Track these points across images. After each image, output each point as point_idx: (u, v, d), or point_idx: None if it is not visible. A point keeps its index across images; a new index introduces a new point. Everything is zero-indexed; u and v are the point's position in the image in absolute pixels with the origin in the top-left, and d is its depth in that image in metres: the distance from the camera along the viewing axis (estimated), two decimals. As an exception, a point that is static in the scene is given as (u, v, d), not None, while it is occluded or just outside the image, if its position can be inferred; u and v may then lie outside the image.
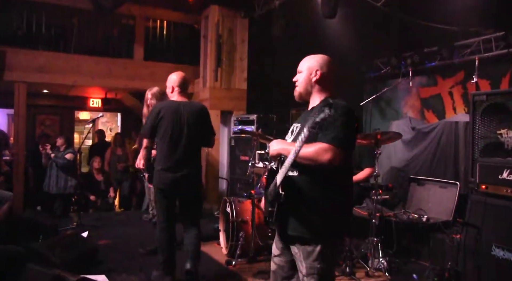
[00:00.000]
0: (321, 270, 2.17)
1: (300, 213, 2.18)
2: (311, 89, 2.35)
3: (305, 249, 2.19)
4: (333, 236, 2.24)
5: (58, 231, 5.38)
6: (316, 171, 2.12)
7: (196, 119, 3.76)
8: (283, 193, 2.13)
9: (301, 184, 2.17)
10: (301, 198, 2.16)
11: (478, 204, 3.62)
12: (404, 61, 7.14)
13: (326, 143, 2.06)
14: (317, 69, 2.33)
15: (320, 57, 2.38)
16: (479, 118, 3.98)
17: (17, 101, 6.83)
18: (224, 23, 7.35)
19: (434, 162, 5.84)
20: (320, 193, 2.16)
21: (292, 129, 2.41)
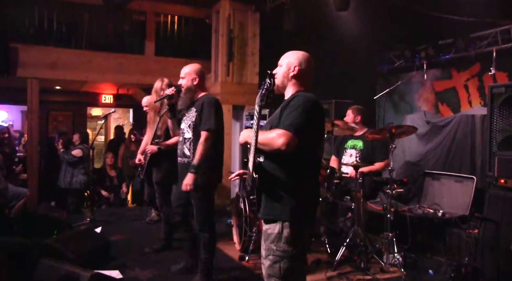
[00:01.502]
0: (277, 252, 2.19)
1: (266, 196, 2.26)
2: (287, 83, 2.42)
3: (265, 232, 2.26)
4: (293, 219, 2.22)
5: (72, 226, 5.42)
6: (279, 156, 2.18)
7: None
8: (257, 176, 2.18)
9: (267, 169, 2.24)
10: (267, 182, 2.22)
11: (497, 199, 3.55)
12: (418, 54, 7.03)
13: (282, 129, 2.14)
14: (295, 65, 2.41)
15: (301, 54, 2.46)
16: (497, 111, 3.89)
17: (30, 98, 6.90)
18: (235, 17, 7.29)
19: (449, 156, 5.75)
20: (281, 177, 2.21)
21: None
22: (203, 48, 7.94)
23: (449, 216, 4.65)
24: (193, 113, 3.58)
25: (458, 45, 6.35)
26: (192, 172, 3.42)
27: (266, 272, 2.24)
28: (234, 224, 4.99)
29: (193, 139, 3.55)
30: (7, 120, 11.90)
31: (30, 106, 6.94)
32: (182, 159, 3.63)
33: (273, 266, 2.20)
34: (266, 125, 2.33)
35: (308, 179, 2.31)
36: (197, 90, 3.68)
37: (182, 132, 3.66)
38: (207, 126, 3.47)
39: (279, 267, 2.19)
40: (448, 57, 6.69)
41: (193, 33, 8.24)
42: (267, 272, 2.24)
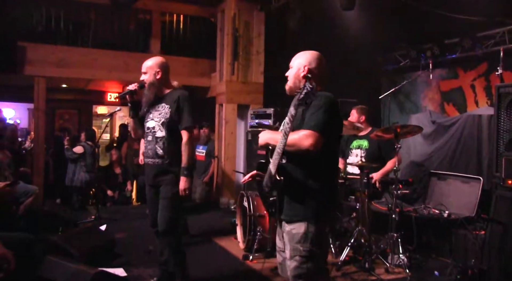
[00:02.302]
0: (304, 252, 2.19)
1: (289, 198, 2.25)
2: (299, 83, 2.38)
3: (290, 232, 2.24)
4: (317, 219, 2.23)
5: (77, 224, 5.44)
6: (302, 158, 2.19)
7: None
8: (281, 178, 2.18)
9: (290, 171, 2.23)
10: (290, 184, 2.22)
11: (504, 200, 3.51)
12: (423, 54, 6.98)
13: (308, 129, 2.15)
14: (305, 65, 2.42)
15: (310, 54, 2.47)
16: (504, 111, 3.85)
17: (37, 96, 6.93)
18: (240, 16, 7.28)
19: (455, 156, 5.71)
20: (304, 178, 2.22)
21: (283, 123, 2.44)
22: (208, 47, 7.94)
23: (455, 217, 4.62)
24: (166, 110, 3.33)
25: (465, 44, 6.30)
26: (185, 175, 3.23)
27: (293, 273, 2.22)
28: (238, 222, 4.99)
29: (167, 138, 3.30)
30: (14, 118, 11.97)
31: (36, 104, 6.98)
32: (154, 160, 3.34)
33: (301, 267, 2.20)
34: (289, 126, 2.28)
35: (330, 178, 2.35)
36: (161, 85, 3.43)
37: (152, 131, 3.37)
38: (188, 124, 3.28)
39: (306, 267, 2.19)
40: (454, 57, 6.65)
41: (199, 32, 8.23)
42: (294, 273, 2.22)
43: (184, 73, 7.52)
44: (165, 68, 3.45)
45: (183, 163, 3.24)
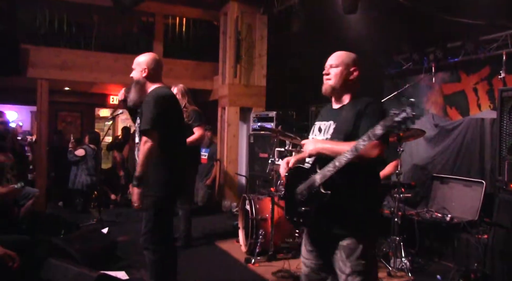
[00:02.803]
0: (365, 268, 2.15)
1: (339, 211, 2.15)
2: (345, 85, 2.32)
3: (347, 247, 2.16)
4: (374, 232, 2.23)
5: (79, 226, 5.45)
6: (353, 169, 2.09)
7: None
8: (328, 192, 2.10)
9: (340, 182, 2.13)
10: (341, 196, 2.13)
11: (507, 203, 3.50)
12: (426, 57, 6.97)
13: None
14: (354, 67, 2.33)
15: (355, 56, 2.38)
16: (507, 115, 3.86)
17: (40, 99, 6.96)
18: (243, 19, 7.30)
19: (458, 160, 5.70)
20: (357, 190, 2.17)
21: (319, 127, 2.38)
22: (211, 50, 7.96)
23: (458, 221, 4.60)
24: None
25: (467, 48, 6.29)
26: (135, 185, 2.85)
27: None
28: (240, 226, 4.98)
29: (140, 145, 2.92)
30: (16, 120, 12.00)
31: (39, 107, 7.00)
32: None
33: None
34: (365, 143, 2.17)
35: (377, 192, 2.33)
36: (147, 84, 3.12)
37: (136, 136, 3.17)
38: (143, 127, 2.85)
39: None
40: (457, 60, 6.63)
41: (201, 35, 8.26)
42: None
43: (187, 76, 7.55)
44: (153, 66, 3.14)
45: (136, 171, 2.88)
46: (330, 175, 2.08)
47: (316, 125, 2.43)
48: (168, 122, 2.96)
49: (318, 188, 2.13)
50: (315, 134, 2.39)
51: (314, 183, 2.16)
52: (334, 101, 2.40)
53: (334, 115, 2.33)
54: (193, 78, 7.73)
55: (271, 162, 4.97)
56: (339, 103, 2.37)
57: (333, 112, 2.36)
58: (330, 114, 2.37)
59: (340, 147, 2.09)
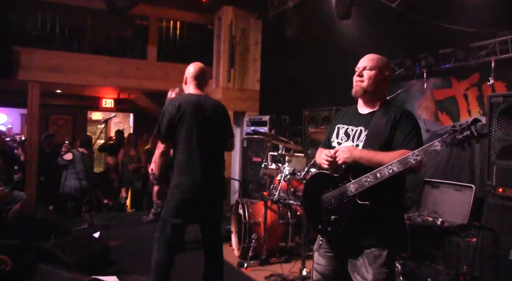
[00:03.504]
0: (387, 276, 2.12)
1: (373, 222, 2.12)
2: (377, 89, 2.27)
3: (371, 254, 2.14)
4: (400, 240, 2.24)
5: (71, 231, 5.41)
6: (392, 179, 2.05)
7: (218, 115, 3.28)
8: (367, 203, 2.07)
9: (377, 193, 2.09)
10: (375, 207, 2.09)
11: (495, 207, 3.56)
12: (418, 63, 7.05)
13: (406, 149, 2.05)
14: (388, 72, 2.30)
15: (386, 60, 2.34)
16: (495, 121, 3.92)
17: (30, 101, 6.91)
18: (237, 24, 7.34)
19: (448, 165, 5.75)
20: (390, 201, 2.15)
21: (346, 132, 2.33)
22: (205, 54, 7.98)
23: (448, 225, 4.64)
24: None
25: (458, 54, 6.37)
26: (154, 183, 3.31)
27: None
28: (233, 230, 4.99)
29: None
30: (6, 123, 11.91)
31: (30, 109, 6.95)
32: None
33: None
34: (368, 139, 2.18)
35: (403, 201, 2.36)
36: (183, 91, 3.53)
37: None
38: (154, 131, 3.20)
39: None
40: (448, 66, 6.71)
41: (195, 39, 8.29)
42: None
43: (181, 80, 7.47)
44: (190, 75, 3.45)
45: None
46: (369, 185, 2.04)
47: (342, 129, 2.36)
48: (176, 128, 3.11)
49: (353, 198, 2.09)
50: (341, 138, 2.33)
51: (346, 191, 2.12)
52: (363, 105, 2.34)
53: (364, 121, 2.27)
54: (187, 82, 7.73)
55: (264, 166, 4.99)
56: (368, 108, 2.31)
57: (363, 117, 2.30)
58: (360, 119, 2.31)
59: (380, 157, 2.04)
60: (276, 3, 6.87)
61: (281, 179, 4.61)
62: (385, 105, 2.27)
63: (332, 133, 2.40)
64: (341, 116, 2.46)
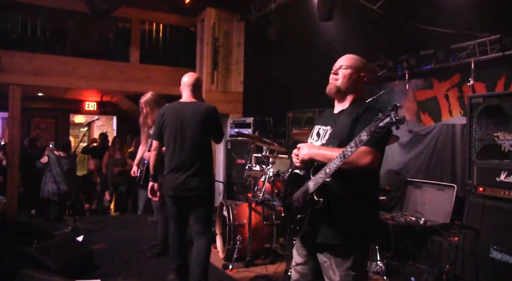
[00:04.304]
0: (355, 278, 2.12)
1: (333, 219, 2.11)
2: (351, 88, 2.29)
3: (338, 256, 2.13)
4: (367, 241, 2.19)
5: (53, 235, 5.34)
6: (350, 175, 2.06)
7: (201, 119, 3.51)
8: (320, 200, 2.06)
9: (334, 189, 2.09)
10: (335, 203, 2.09)
11: (476, 206, 3.62)
12: (400, 64, 7.14)
13: (366, 146, 1.96)
14: (364, 73, 2.32)
15: (365, 61, 2.37)
16: (475, 121, 4.00)
17: (12, 104, 6.78)
18: (220, 26, 7.34)
19: (431, 165, 5.84)
20: (353, 197, 2.11)
21: (317, 132, 2.35)
22: (188, 57, 7.95)
23: (431, 224, 4.71)
24: None
25: (439, 56, 6.47)
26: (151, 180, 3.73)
27: None
28: (218, 232, 4.98)
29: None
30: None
31: (11, 113, 6.83)
32: None
33: None
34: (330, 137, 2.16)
35: (376, 197, 2.29)
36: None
37: None
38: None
39: None
40: (429, 68, 6.82)
41: (178, 41, 8.24)
42: None
43: (164, 83, 7.50)
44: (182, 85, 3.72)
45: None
46: (322, 181, 2.05)
47: (316, 129, 2.39)
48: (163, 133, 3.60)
49: (312, 195, 2.09)
50: (313, 138, 2.36)
51: (308, 189, 2.13)
52: (337, 104, 2.36)
53: (333, 120, 2.30)
54: (170, 84, 7.67)
55: (248, 168, 4.99)
56: (340, 106, 2.33)
57: (333, 116, 2.32)
58: (330, 119, 2.34)
59: (332, 153, 2.03)
60: (258, 5, 6.89)
61: (265, 181, 4.62)
62: (354, 103, 2.28)
63: (310, 135, 2.44)
64: (321, 117, 2.51)
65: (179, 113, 3.54)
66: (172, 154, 3.50)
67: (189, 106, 3.57)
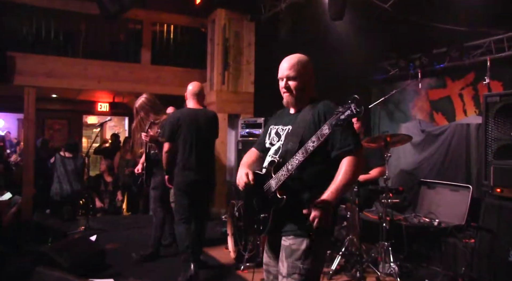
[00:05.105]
0: (303, 271, 2.07)
1: (293, 214, 2.10)
2: (306, 94, 2.27)
3: (289, 248, 2.11)
4: (320, 233, 2.08)
5: (67, 234, 5.38)
6: (309, 170, 2.09)
7: (210, 125, 4.15)
8: (284, 197, 2.05)
9: (296, 188, 2.11)
10: (293, 199, 2.08)
11: (493, 208, 3.54)
12: (412, 63, 7.06)
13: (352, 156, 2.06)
14: (310, 76, 2.28)
15: (306, 60, 2.29)
16: (492, 120, 3.92)
17: (27, 106, 6.89)
18: (230, 26, 7.33)
19: (444, 165, 5.75)
20: (313, 195, 2.07)
21: (276, 132, 2.32)
22: (199, 57, 7.97)
23: (445, 225, 4.64)
24: None
25: (452, 54, 6.38)
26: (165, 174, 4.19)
27: None
28: (229, 232, 4.96)
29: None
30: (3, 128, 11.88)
31: (26, 114, 6.93)
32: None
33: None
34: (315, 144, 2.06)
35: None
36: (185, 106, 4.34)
37: None
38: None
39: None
40: (442, 66, 6.73)
41: (189, 42, 8.26)
42: None
43: (175, 83, 7.53)
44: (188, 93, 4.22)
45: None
46: (284, 179, 2.04)
47: (273, 129, 2.37)
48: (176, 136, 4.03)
49: (275, 193, 2.08)
50: (272, 138, 2.33)
51: (270, 188, 2.12)
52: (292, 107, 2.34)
53: (292, 119, 2.28)
54: (181, 85, 7.67)
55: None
56: (298, 106, 2.30)
57: (292, 116, 2.30)
58: (288, 118, 2.32)
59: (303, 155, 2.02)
60: (268, 5, 6.87)
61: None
62: (312, 102, 2.25)
63: (266, 134, 2.41)
64: (274, 117, 2.48)
65: (195, 119, 4.04)
66: (188, 153, 3.97)
67: (201, 113, 4.14)
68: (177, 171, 4.00)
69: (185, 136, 3.98)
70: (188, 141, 3.97)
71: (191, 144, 3.97)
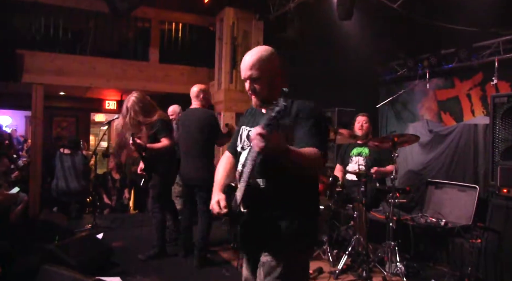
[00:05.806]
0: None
1: (266, 227, 1.93)
2: (273, 90, 2.05)
3: (267, 265, 1.94)
4: (306, 248, 1.99)
5: (74, 232, 5.42)
6: (288, 177, 1.88)
7: (202, 125, 4.39)
8: (244, 211, 1.89)
9: (268, 194, 1.92)
10: (267, 210, 1.92)
11: (500, 208, 3.54)
12: (420, 63, 7.04)
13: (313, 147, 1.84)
14: (276, 70, 2.07)
15: (268, 54, 2.05)
16: (499, 121, 3.91)
17: (35, 103, 6.94)
18: (239, 25, 7.34)
19: (452, 165, 5.74)
20: (289, 201, 1.93)
21: (247, 135, 2.12)
22: (207, 56, 7.98)
23: (452, 226, 4.63)
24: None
25: (461, 54, 6.36)
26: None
27: None
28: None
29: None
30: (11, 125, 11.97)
31: (34, 111, 6.98)
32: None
33: None
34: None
35: (314, 203, 2.09)
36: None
37: None
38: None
39: None
40: (450, 67, 6.71)
41: (197, 40, 8.29)
42: None
43: (183, 82, 7.56)
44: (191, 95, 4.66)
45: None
46: (243, 190, 1.89)
47: (245, 131, 2.17)
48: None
49: (239, 206, 1.92)
50: (243, 142, 2.15)
51: (236, 200, 1.95)
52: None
53: (259, 119, 2.07)
54: (189, 84, 7.68)
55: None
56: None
57: (262, 115, 2.08)
58: (258, 117, 2.12)
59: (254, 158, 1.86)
60: (277, 4, 6.87)
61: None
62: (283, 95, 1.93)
63: (237, 136, 2.22)
64: (246, 115, 2.28)
65: (186, 119, 4.48)
66: (178, 151, 4.56)
67: (195, 112, 4.47)
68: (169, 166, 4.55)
69: (179, 136, 4.54)
70: (181, 139, 4.49)
71: (184, 140, 4.45)
